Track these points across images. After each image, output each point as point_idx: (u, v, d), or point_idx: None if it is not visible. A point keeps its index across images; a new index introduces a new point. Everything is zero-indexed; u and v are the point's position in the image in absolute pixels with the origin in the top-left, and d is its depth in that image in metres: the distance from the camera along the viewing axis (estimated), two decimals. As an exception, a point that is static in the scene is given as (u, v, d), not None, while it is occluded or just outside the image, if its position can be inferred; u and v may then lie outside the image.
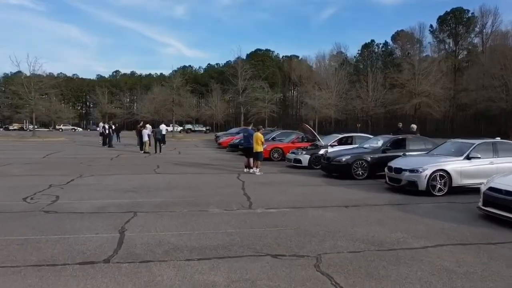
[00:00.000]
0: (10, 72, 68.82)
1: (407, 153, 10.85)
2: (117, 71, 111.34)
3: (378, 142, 12.04)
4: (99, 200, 7.45)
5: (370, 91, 53.21)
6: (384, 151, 11.01)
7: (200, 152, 22.60)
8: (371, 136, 13.98)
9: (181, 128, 62.45)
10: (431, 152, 9.89)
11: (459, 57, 63.70)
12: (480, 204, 6.38)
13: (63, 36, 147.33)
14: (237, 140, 21.05)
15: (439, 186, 8.33)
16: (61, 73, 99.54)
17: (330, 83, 55.01)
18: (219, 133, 33.21)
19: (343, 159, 10.85)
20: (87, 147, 24.71)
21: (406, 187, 8.55)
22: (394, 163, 9.13)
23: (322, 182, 10.39)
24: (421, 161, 8.81)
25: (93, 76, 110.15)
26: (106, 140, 24.95)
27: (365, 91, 53.52)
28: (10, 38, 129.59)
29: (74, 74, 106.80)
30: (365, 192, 8.90)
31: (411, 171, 8.49)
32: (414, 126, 13.85)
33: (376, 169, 10.80)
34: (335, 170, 11.06)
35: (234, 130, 31.96)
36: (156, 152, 19.77)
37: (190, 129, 65.55)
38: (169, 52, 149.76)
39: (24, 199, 7.47)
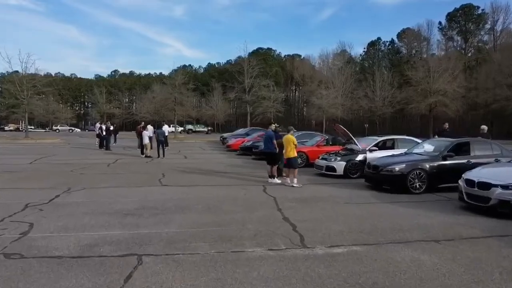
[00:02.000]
0: (7, 71, 66.55)
1: (472, 160, 8.83)
2: (115, 71, 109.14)
3: (431, 146, 9.95)
4: (88, 232, 5.33)
5: (378, 89, 51.10)
6: (445, 158, 8.88)
7: (208, 156, 20.39)
8: (418, 140, 11.79)
9: (182, 128, 60.24)
10: (514, 161, 7.78)
11: (468, 54, 61.58)
12: None
13: (62, 36, 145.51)
14: (249, 143, 18.97)
15: (542, 207, 6.23)
16: (59, 72, 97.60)
17: (335, 82, 52.91)
18: (225, 134, 30.90)
19: (396, 168, 8.70)
20: (82, 150, 22.51)
21: (498, 209, 6.43)
22: (475, 176, 6.99)
23: (374, 198, 8.24)
24: (515, 174, 6.70)
25: (91, 76, 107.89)
26: (103, 142, 22.90)
27: (371, 90, 51.42)
28: (9, 39, 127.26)
29: (72, 74, 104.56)
30: (439, 214, 6.77)
31: (505, 187, 6.36)
32: (484, 127, 11.61)
33: (436, 181, 8.72)
34: (386, 181, 8.88)
35: (241, 131, 29.74)
36: (159, 156, 17.62)
37: (191, 129, 63.27)
38: (169, 52, 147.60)
39: (-16, 229, 5.36)
